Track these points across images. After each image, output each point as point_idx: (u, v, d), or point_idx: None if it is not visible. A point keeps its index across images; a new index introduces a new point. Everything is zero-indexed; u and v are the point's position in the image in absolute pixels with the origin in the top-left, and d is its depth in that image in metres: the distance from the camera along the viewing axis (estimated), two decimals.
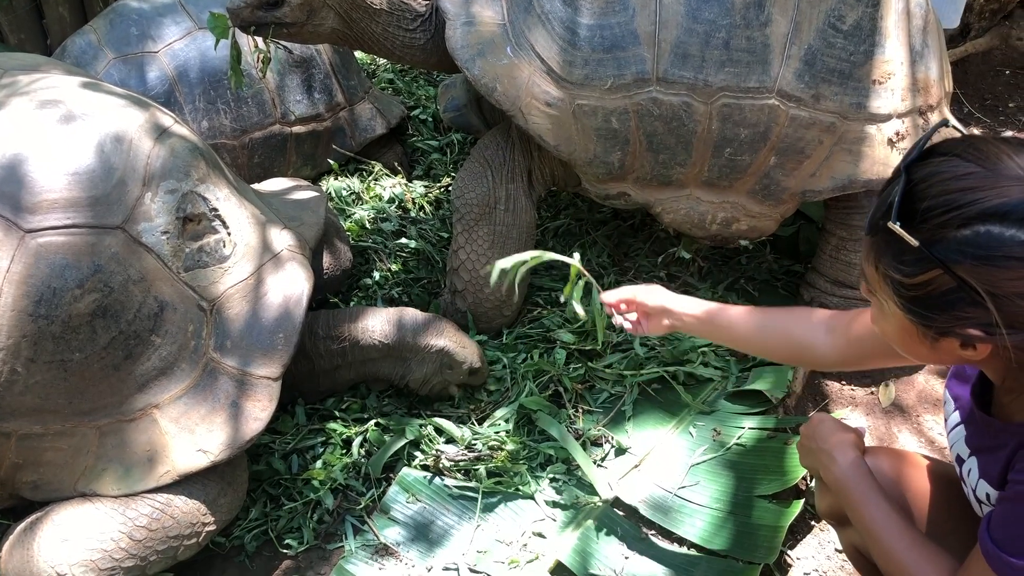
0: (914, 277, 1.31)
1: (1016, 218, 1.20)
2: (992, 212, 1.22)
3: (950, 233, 1.25)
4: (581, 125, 2.77)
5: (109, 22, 3.65)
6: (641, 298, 2.19)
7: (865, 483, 1.73)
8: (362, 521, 2.58)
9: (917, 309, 1.34)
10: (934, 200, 1.27)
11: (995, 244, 1.21)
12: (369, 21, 2.94)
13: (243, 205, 2.59)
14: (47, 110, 2.29)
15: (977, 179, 1.24)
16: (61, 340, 2.15)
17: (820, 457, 1.84)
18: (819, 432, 1.87)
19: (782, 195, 2.92)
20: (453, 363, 2.78)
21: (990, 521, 1.45)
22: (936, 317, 1.33)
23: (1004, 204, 1.21)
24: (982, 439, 1.56)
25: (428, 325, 2.81)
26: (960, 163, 1.27)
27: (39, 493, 2.29)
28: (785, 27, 2.70)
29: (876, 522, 1.67)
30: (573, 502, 2.58)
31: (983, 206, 1.22)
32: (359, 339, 2.76)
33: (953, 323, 1.32)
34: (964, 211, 1.23)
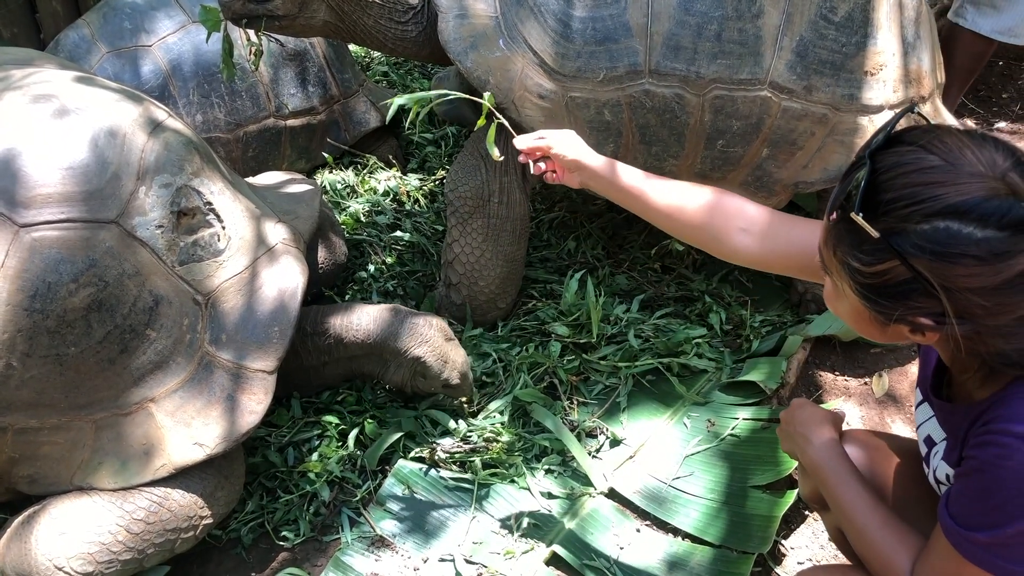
0: (872, 266, 1.33)
1: (974, 216, 1.22)
2: (952, 209, 1.24)
3: (910, 226, 1.26)
4: (574, 117, 2.78)
5: (102, 16, 3.65)
6: (556, 150, 2.11)
7: (839, 464, 1.76)
8: (358, 513, 2.59)
9: (872, 296, 1.37)
10: (897, 192, 1.28)
11: (952, 241, 1.24)
12: (361, 14, 2.94)
13: (237, 199, 2.59)
14: (41, 104, 2.29)
15: (939, 173, 1.26)
16: (56, 334, 2.16)
17: (796, 440, 1.87)
18: (797, 416, 1.89)
19: (774, 187, 2.93)
20: (428, 374, 2.71)
21: (948, 498, 1.47)
22: (890, 305, 1.35)
23: (964, 202, 1.23)
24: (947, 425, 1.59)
25: (413, 330, 2.72)
26: (924, 155, 1.29)
27: (36, 487, 2.30)
28: (777, 19, 2.71)
29: (848, 502, 1.70)
30: (568, 493, 2.60)
31: (944, 202, 1.24)
32: (343, 336, 2.73)
33: (906, 312, 1.34)
34: (925, 206, 1.25)
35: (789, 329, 3.14)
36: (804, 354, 3.05)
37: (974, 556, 1.41)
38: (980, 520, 1.39)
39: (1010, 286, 1.24)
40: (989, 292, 1.25)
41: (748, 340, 3.10)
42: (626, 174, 2.07)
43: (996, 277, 1.24)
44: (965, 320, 1.29)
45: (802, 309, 3.27)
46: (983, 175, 1.25)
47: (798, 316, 3.26)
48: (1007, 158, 1.27)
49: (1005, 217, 1.22)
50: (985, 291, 1.25)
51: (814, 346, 3.14)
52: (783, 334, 3.08)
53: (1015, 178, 1.24)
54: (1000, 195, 1.23)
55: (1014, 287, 1.25)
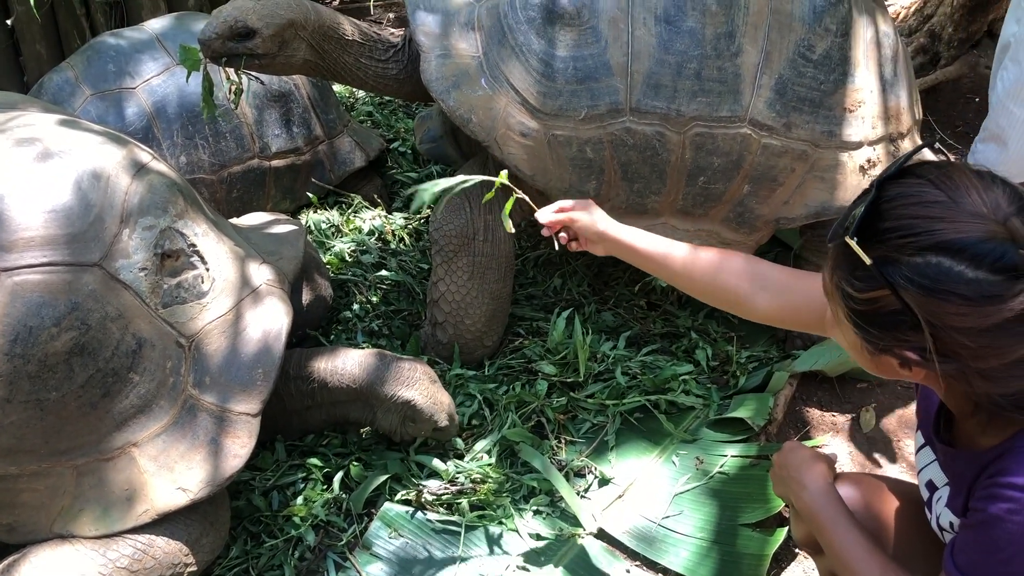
0: (863, 293, 1.34)
1: (968, 255, 1.22)
2: (946, 245, 1.24)
3: (903, 257, 1.27)
4: (556, 155, 2.79)
5: (86, 58, 3.66)
6: (580, 223, 2.15)
7: (834, 508, 1.74)
8: (344, 557, 2.55)
9: (861, 323, 1.37)
10: (895, 222, 1.29)
11: (943, 277, 1.24)
12: (341, 52, 2.95)
13: (221, 240, 2.58)
14: (24, 148, 2.28)
15: (940, 208, 1.26)
16: (37, 379, 2.13)
17: (790, 484, 1.85)
18: (790, 460, 1.87)
19: (756, 222, 2.95)
20: (418, 418, 2.67)
21: (953, 548, 1.46)
22: (878, 335, 1.35)
23: (959, 240, 1.23)
24: (950, 470, 1.57)
25: (399, 374, 2.69)
26: (929, 189, 1.29)
27: (15, 535, 2.25)
28: (756, 57, 2.75)
29: (844, 546, 1.68)
30: (557, 534, 2.57)
31: (939, 238, 1.24)
32: (327, 381, 2.70)
33: (893, 343, 1.34)
34: (921, 239, 1.25)
35: (776, 365, 3.14)
36: (791, 390, 3.05)
37: None
38: (986, 573, 1.38)
39: (998, 330, 1.24)
40: (975, 333, 1.25)
41: (735, 376, 3.10)
42: (648, 242, 2.11)
43: (984, 319, 1.23)
44: (950, 359, 1.29)
45: (788, 345, 3.27)
46: (984, 216, 1.24)
47: (784, 352, 3.27)
48: (1012, 203, 1.26)
49: (999, 261, 1.22)
50: (971, 332, 1.25)
51: (801, 382, 3.14)
52: (770, 370, 3.08)
53: (1017, 224, 1.24)
54: (998, 238, 1.23)
55: (1002, 331, 1.24)
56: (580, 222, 2.15)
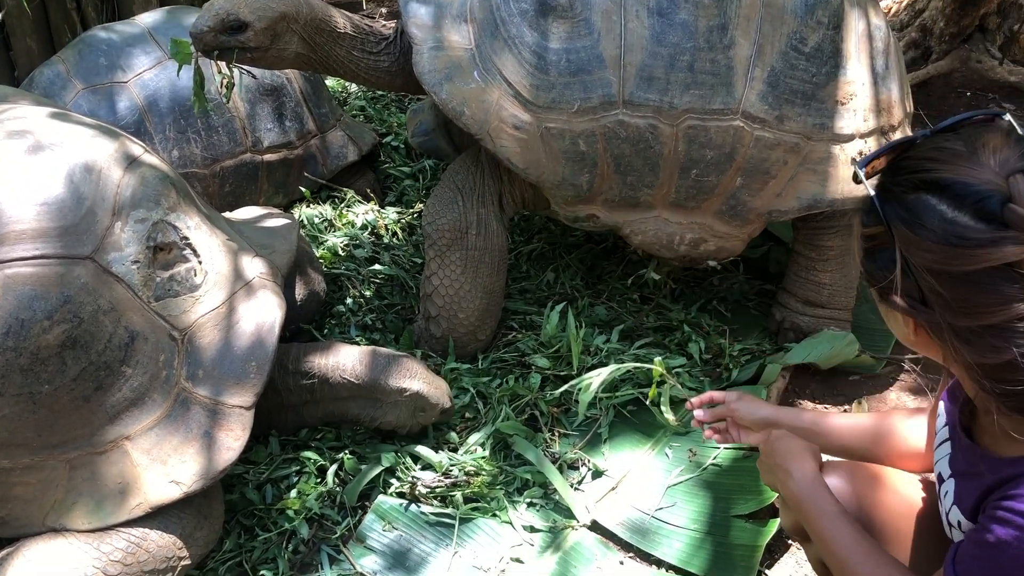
0: (867, 228, 1.37)
1: (950, 195, 1.23)
2: (936, 183, 1.25)
3: (901, 194, 1.29)
4: (549, 148, 2.79)
5: (78, 52, 3.64)
6: (741, 414, 2.12)
7: (820, 496, 1.73)
8: (338, 550, 2.55)
9: (865, 262, 1.40)
10: (908, 161, 1.32)
11: (923, 212, 1.25)
12: (333, 45, 2.95)
13: (214, 234, 2.58)
14: (15, 141, 2.27)
15: (950, 155, 1.27)
16: (29, 372, 2.13)
17: (777, 473, 1.84)
18: (777, 448, 1.86)
19: (748, 215, 2.95)
20: (427, 406, 2.71)
21: (957, 553, 1.44)
22: (875, 275, 1.37)
23: (949, 179, 1.24)
24: (962, 463, 1.55)
25: (400, 366, 2.72)
26: (953, 142, 1.30)
27: (7, 529, 2.25)
28: (748, 49, 2.75)
29: (830, 535, 1.67)
30: (551, 526, 2.57)
31: (932, 176, 1.26)
32: (328, 376, 2.70)
33: (887, 285, 1.35)
34: (919, 176, 1.27)
35: (768, 358, 3.15)
36: (784, 382, 3.05)
37: None
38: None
39: (970, 282, 1.23)
40: (947, 280, 1.24)
41: (728, 369, 3.11)
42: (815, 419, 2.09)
43: (954, 263, 1.23)
44: (925, 307, 1.30)
45: (780, 338, 3.28)
46: (986, 167, 1.23)
47: (777, 345, 3.28)
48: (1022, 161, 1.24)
49: (980, 205, 1.21)
50: (942, 276, 1.25)
51: (793, 374, 3.15)
52: (762, 363, 3.09)
53: (1018, 180, 1.21)
54: (989, 186, 1.21)
55: (974, 285, 1.23)
56: (740, 410, 2.12)
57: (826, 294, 3.19)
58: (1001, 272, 1.21)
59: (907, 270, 1.29)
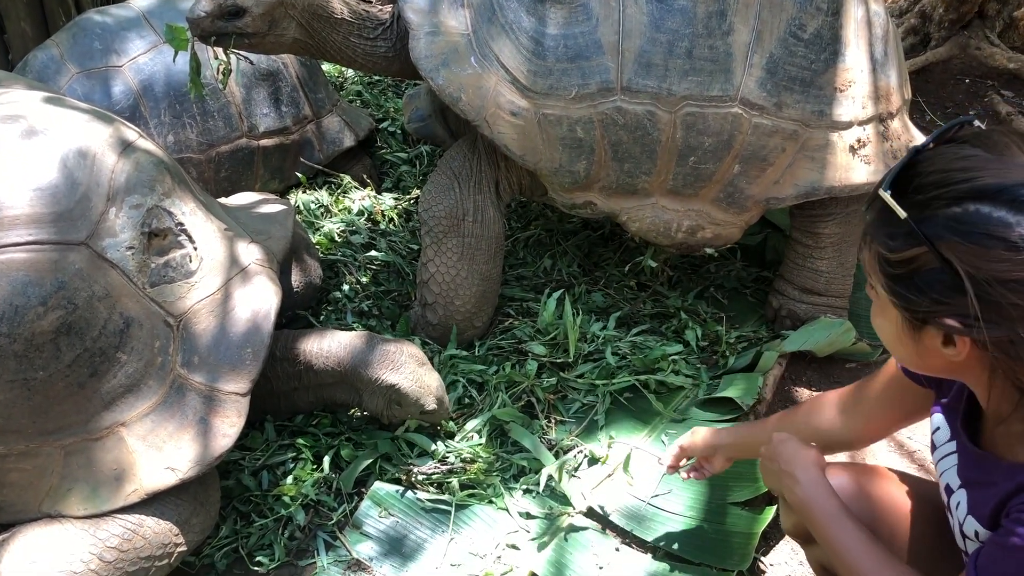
0: (899, 252, 1.28)
1: (1006, 199, 1.17)
2: (983, 191, 1.19)
3: (939, 209, 1.22)
4: (547, 135, 2.78)
5: (72, 36, 3.62)
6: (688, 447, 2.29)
7: (829, 502, 1.71)
8: (334, 537, 2.55)
9: (900, 290, 1.31)
10: (930, 176, 1.24)
11: (980, 223, 1.18)
12: (330, 31, 2.93)
13: (209, 219, 2.57)
14: (8, 125, 2.25)
15: (979, 161, 1.22)
16: (24, 358, 2.12)
17: (783, 478, 1.82)
18: (780, 452, 1.84)
19: (746, 203, 2.94)
20: (404, 401, 2.65)
21: (978, 559, 1.41)
22: (917, 300, 1.29)
23: (997, 184, 1.18)
24: (973, 472, 1.52)
25: (385, 357, 2.67)
26: (967, 148, 1.25)
27: (2, 515, 2.24)
28: (747, 36, 2.74)
29: (841, 542, 1.65)
30: (547, 513, 2.58)
31: (976, 184, 1.20)
32: (313, 363, 2.69)
33: (933, 308, 1.28)
34: (956, 188, 1.21)
35: (765, 345, 3.15)
36: (780, 370, 3.05)
37: None
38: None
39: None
40: (1015, 287, 1.18)
41: (724, 356, 3.11)
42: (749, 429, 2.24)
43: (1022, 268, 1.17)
44: (996, 323, 1.22)
45: (777, 325, 3.28)
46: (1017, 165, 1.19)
47: (773, 332, 3.28)
48: None
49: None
50: (1017, 285, 1.18)
51: (790, 362, 3.15)
52: (759, 350, 3.09)
53: None
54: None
55: None
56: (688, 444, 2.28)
57: (823, 282, 3.19)
58: None
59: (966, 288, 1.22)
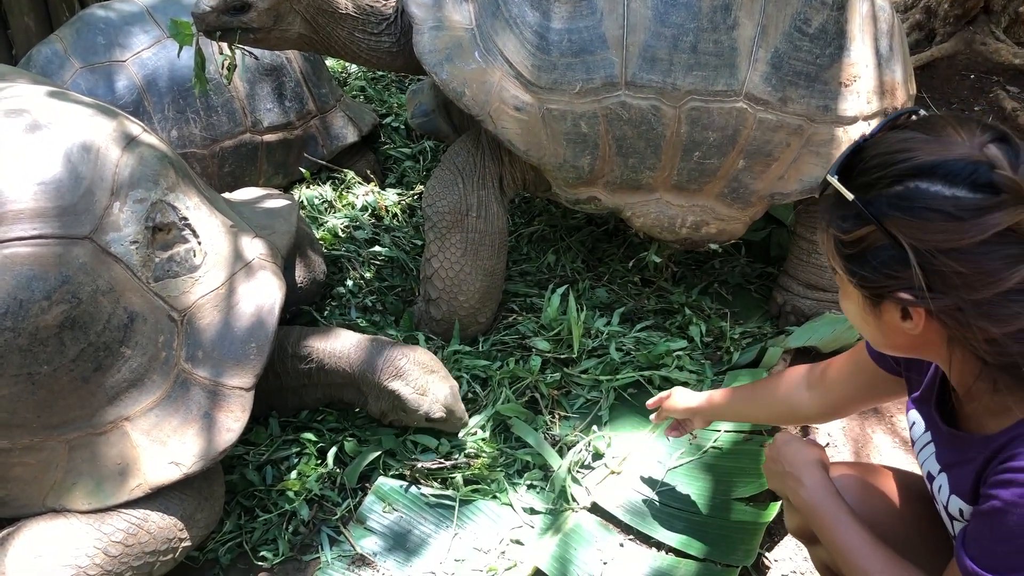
0: (851, 233, 1.35)
1: (942, 174, 1.25)
2: (920, 168, 1.27)
3: (883, 189, 1.30)
4: (551, 130, 2.77)
5: (75, 31, 3.61)
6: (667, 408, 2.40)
7: (834, 504, 1.72)
8: (338, 532, 2.55)
9: (855, 269, 1.38)
10: (873, 160, 1.33)
11: (920, 198, 1.26)
12: (335, 26, 2.93)
13: (213, 214, 2.56)
14: (12, 119, 2.25)
15: (916, 142, 1.29)
16: (28, 353, 2.12)
17: (787, 480, 1.82)
18: (784, 454, 1.85)
19: (751, 198, 2.94)
20: (406, 408, 2.65)
21: (965, 536, 1.43)
22: (871, 277, 1.36)
23: (933, 161, 1.26)
24: (950, 455, 1.54)
25: (390, 364, 2.66)
26: (908, 132, 1.33)
27: (7, 509, 2.25)
28: (752, 30, 2.73)
29: (847, 543, 1.66)
30: (550, 508, 2.58)
31: (913, 163, 1.28)
32: (324, 363, 2.69)
33: (886, 283, 1.34)
34: (897, 167, 1.29)
35: (769, 341, 3.14)
36: (784, 365, 3.05)
37: None
38: (1003, 563, 1.35)
39: (985, 251, 1.24)
40: (963, 255, 1.25)
41: (728, 352, 3.11)
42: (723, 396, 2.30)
43: (967, 237, 1.24)
44: (943, 293, 1.29)
45: (781, 321, 3.28)
46: (958, 143, 1.27)
47: (777, 328, 3.27)
48: (987, 132, 1.28)
49: (973, 177, 1.24)
50: (958, 254, 1.25)
51: (794, 358, 3.14)
52: (763, 346, 3.08)
53: (993, 149, 1.26)
54: (971, 159, 1.25)
55: (989, 252, 1.24)
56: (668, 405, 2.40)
57: (828, 277, 3.18)
58: (1005, 236, 1.24)
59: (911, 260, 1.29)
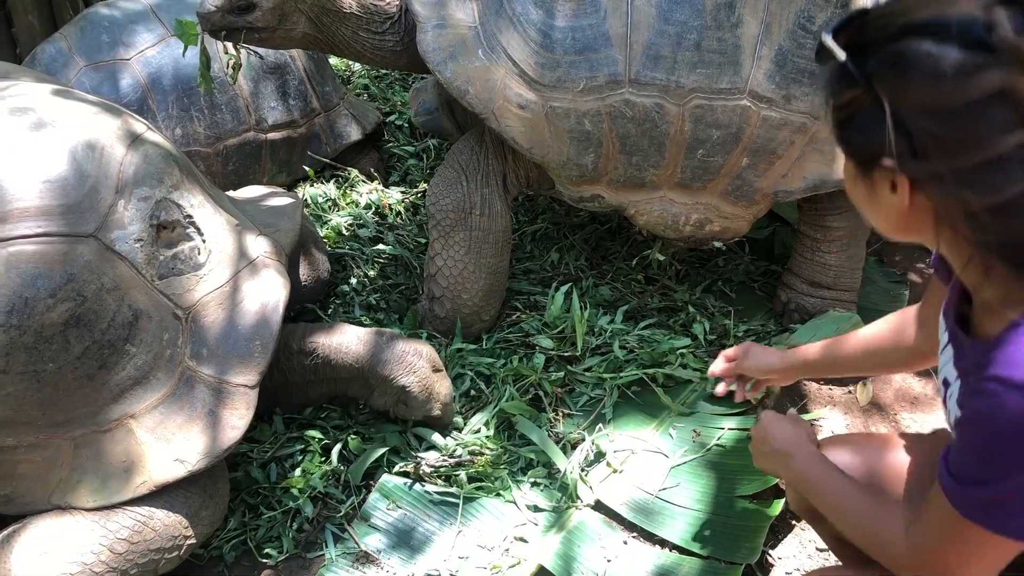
0: (840, 96, 1.31)
1: (932, 31, 1.19)
2: (912, 26, 1.21)
3: (876, 48, 1.25)
4: (554, 128, 2.78)
5: (80, 29, 3.62)
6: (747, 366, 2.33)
7: (826, 472, 1.70)
8: (342, 529, 2.56)
9: (845, 135, 1.34)
10: (872, 21, 1.27)
11: (909, 56, 1.20)
12: (339, 25, 2.93)
13: (218, 212, 2.57)
14: (17, 117, 2.26)
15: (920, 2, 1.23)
16: (34, 350, 2.12)
17: (775, 458, 1.81)
18: (772, 433, 1.83)
19: (755, 196, 2.94)
20: (411, 403, 2.67)
21: (948, 452, 1.38)
22: (858, 142, 1.32)
23: (928, 18, 1.20)
24: (966, 361, 1.46)
25: (402, 359, 2.67)
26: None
27: (12, 507, 2.25)
28: (756, 28, 2.73)
29: (844, 506, 1.63)
30: (554, 506, 2.58)
31: (909, 20, 1.22)
32: (331, 358, 2.70)
33: (871, 149, 1.29)
34: (893, 26, 1.23)
35: (773, 339, 3.14)
36: None
37: (971, 513, 1.32)
38: (976, 475, 1.30)
39: (967, 114, 1.18)
40: (944, 118, 1.20)
41: None
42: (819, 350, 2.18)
43: (948, 97, 1.18)
44: (923, 158, 1.23)
45: (785, 319, 3.27)
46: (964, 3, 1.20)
47: (782, 326, 3.27)
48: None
49: (964, 34, 1.17)
50: (939, 116, 1.20)
51: None
52: (767, 343, 3.08)
53: (999, 11, 1.18)
54: (968, 18, 1.18)
55: (972, 116, 1.18)
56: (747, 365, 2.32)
57: (832, 275, 3.18)
58: (994, 100, 1.18)
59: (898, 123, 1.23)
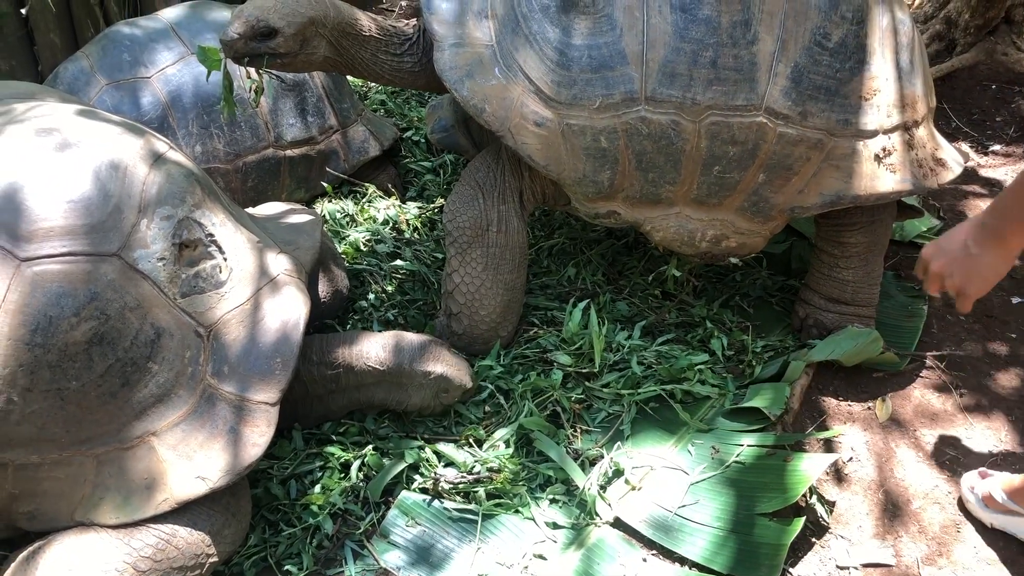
0: None
1: None
2: None
3: None
4: (570, 145, 2.79)
5: (101, 48, 3.67)
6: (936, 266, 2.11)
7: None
8: (362, 546, 2.56)
9: None
10: None
11: None
12: (359, 48, 2.96)
13: (239, 230, 2.59)
14: (43, 138, 2.29)
15: None
16: (58, 369, 2.15)
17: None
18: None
19: (771, 212, 2.94)
20: (450, 387, 2.79)
21: None
22: None
23: None
24: None
25: (425, 350, 2.79)
26: None
27: (36, 523, 2.28)
28: (771, 45, 2.73)
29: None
30: (573, 523, 2.58)
31: None
32: (353, 364, 2.74)
33: None
34: None
35: (791, 354, 3.13)
36: (807, 379, 3.04)
37: None
38: None
39: None
40: None
41: (751, 366, 3.10)
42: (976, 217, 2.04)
43: None
44: None
45: (804, 334, 3.27)
46: None
47: (799, 341, 3.26)
48: None
49: None
50: None
51: (817, 371, 3.14)
52: (786, 359, 3.07)
53: None
54: None
55: None
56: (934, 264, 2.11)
57: (850, 291, 3.18)
58: None
59: None
